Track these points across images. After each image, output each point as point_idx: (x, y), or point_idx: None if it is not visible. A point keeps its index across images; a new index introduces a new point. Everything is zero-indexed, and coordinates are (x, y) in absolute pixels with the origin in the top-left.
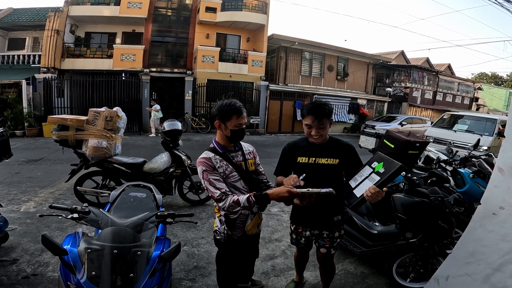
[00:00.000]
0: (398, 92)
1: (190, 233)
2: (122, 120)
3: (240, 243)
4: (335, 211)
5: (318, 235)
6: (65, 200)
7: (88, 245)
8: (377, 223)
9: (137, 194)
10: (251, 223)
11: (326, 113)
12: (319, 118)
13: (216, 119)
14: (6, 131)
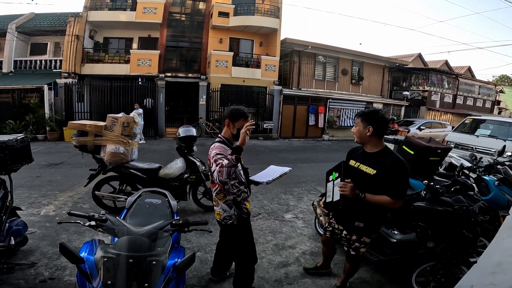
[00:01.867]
0: (415, 96)
1: (204, 239)
2: (138, 126)
3: (247, 220)
4: (358, 217)
5: (342, 232)
6: (83, 204)
7: (104, 254)
8: (395, 231)
9: (152, 201)
10: (247, 203)
11: (361, 114)
12: (356, 117)
13: (227, 118)
14: (27, 136)
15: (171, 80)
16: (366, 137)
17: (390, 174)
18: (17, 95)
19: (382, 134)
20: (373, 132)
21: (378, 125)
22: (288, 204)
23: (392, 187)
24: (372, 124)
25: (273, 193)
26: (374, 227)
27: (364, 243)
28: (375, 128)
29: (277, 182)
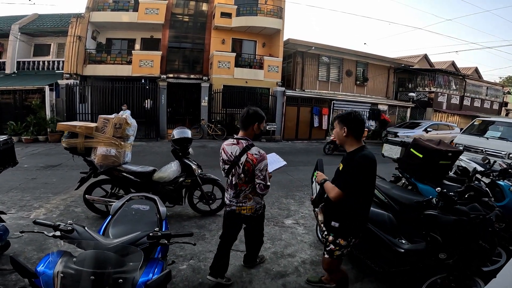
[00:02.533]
0: (422, 97)
1: (198, 246)
2: (131, 128)
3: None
4: (334, 217)
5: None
6: (75, 208)
7: (63, 269)
8: (403, 240)
9: (140, 207)
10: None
11: (337, 117)
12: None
13: (256, 121)
14: (11, 138)
15: (173, 81)
16: (343, 138)
17: (346, 167)
18: (18, 96)
19: (357, 134)
20: (348, 132)
21: (352, 125)
22: (288, 209)
23: (342, 176)
24: (346, 124)
25: (273, 197)
26: (350, 229)
27: (339, 246)
28: (349, 128)
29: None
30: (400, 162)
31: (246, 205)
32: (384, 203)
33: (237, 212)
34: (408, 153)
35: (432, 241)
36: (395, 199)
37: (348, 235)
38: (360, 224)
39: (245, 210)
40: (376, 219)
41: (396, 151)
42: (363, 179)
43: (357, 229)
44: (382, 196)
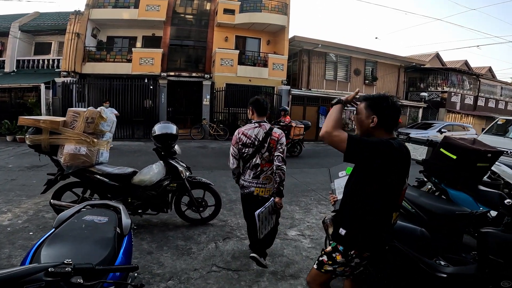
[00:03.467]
0: (434, 97)
1: (181, 262)
2: (107, 123)
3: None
4: (343, 223)
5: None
6: (46, 213)
7: None
8: (442, 262)
9: (94, 218)
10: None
11: (366, 98)
12: (359, 102)
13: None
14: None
15: (174, 79)
16: (369, 129)
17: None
18: (14, 95)
19: (389, 127)
20: (378, 123)
21: (386, 114)
22: (292, 218)
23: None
24: (378, 113)
25: None
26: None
27: (333, 260)
28: (381, 118)
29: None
30: (427, 165)
31: (265, 187)
32: (410, 213)
33: (255, 194)
34: (438, 154)
35: (492, 265)
36: (425, 208)
37: (351, 247)
38: (371, 238)
39: (263, 192)
40: (406, 236)
41: (421, 151)
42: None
43: (366, 243)
44: (408, 205)
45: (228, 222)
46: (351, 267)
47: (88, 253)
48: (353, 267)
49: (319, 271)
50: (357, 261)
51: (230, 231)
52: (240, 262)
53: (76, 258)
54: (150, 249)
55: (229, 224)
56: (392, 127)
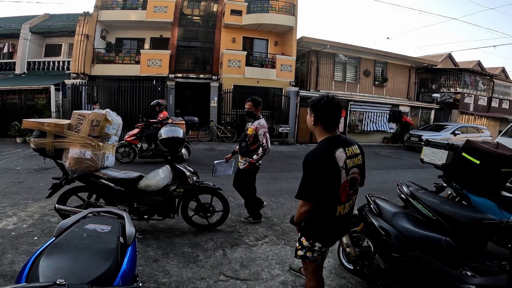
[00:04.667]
0: (446, 98)
1: (187, 271)
2: (112, 126)
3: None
4: None
5: None
6: (52, 217)
7: None
8: (469, 272)
9: (97, 227)
10: (240, 158)
11: (309, 101)
12: None
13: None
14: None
15: (182, 81)
16: (311, 126)
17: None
18: (24, 96)
19: (327, 124)
20: (316, 120)
21: (320, 112)
22: None
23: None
24: (315, 111)
25: (285, 208)
26: (310, 230)
27: (301, 245)
28: (317, 115)
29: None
30: (447, 170)
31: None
32: (431, 221)
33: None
34: (459, 159)
35: None
36: (449, 216)
37: (309, 236)
38: (323, 231)
39: (251, 159)
40: (429, 245)
41: (441, 155)
42: (308, 180)
43: (320, 235)
44: (428, 212)
45: (237, 228)
46: (318, 253)
47: (88, 265)
48: (320, 253)
49: (296, 258)
50: (319, 246)
51: (239, 238)
52: (249, 270)
53: (75, 270)
54: (156, 256)
55: (237, 230)
56: (330, 125)
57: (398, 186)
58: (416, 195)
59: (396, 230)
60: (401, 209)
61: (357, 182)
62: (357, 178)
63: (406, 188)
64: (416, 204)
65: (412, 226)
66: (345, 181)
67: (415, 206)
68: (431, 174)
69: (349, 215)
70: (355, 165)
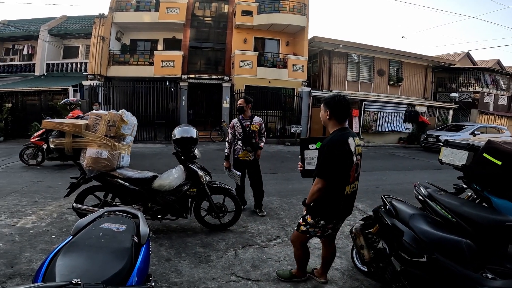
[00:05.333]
0: (465, 98)
1: (199, 271)
2: (128, 126)
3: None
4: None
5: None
6: (69, 216)
7: None
8: (489, 275)
9: (112, 226)
10: (241, 154)
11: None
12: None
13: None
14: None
15: (194, 81)
16: (326, 120)
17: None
18: (44, 98)
19: (339, 118)
20: (331, 115)
21: (334, 108)
22: None
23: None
24: (330, 108)
25: (297, 209)
26: (319, 210)
27: (305, 222)
28: (332, 111)
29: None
30: (467, 171)
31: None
32: (450, 223)
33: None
34: (480, 159)
35: None
36: (469, 218)
37: (316, 215)
38: (330, 208)
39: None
40: (448, 248)
41: (461, 156)
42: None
43: (326, 213)
44: (447, 214)
45: (248, 228)
46: (320, 229)
47: (103, 264)
48: (321, 229)
49: (298, 231)
50: (323, 223)
51: (250, 238)
52: (260, 271)
53: (90, 269)
54: (169, 256)
55: (249, 231)
56: (341, 118)
57: (415, 188)
58: (434, 196)
59: (413, 231)
60: (418, 210)
61: (359, 167)
62: (359, 164)
63: (424, 189)
64: (435, 206)
65: (430, 228)
66: (354, 164)
67: (434, 207)
68: (449, 175)
69: (353, 196)
70: (359, 153)
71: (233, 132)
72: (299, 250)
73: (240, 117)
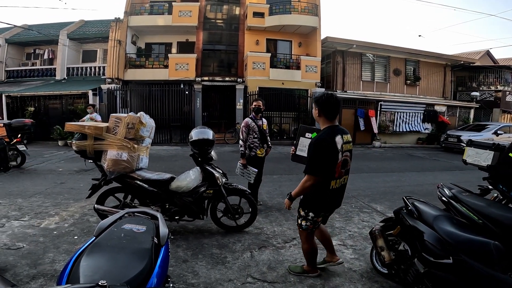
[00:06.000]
0: (487, 97)
1: (215, 272)
2: (146, 128)
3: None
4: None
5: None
6: (91, 217)
7: None
8: None
9: (133, 227)
10: (259, 151)
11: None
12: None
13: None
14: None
15: (208, 84)
16: (317, 117)
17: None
18: (65, 101)
19: (328, 115)
20: (320, 112)
21: (322, 106)
22: (332, 226)
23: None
24: (318, 105)
25: None
26: (307, 202)
27: (299, 214)
28: (320, 109)
29: None
30: (493, 171)
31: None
32: (476, 224)
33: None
34: (506, 159)
35: None
36: (496, 220)
37: (305, 207)
38: (317, 202)
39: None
40: (475, 249)
41: (485, 156)
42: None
43: (314, 205)
44: (473, 215)
45: (264, 229)
46: (311, 222)
47: (125, 265)
48: (312, 222)
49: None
50: (312, 216)
51: (266, 240)
52: (276, 273)
53: (113, 270)
54: (186, 257)
55: (264, 232)
56: (330, 116)
57: (438, 188)
58: (459, 197)
59: (438, 233)
60: (443, 211)
61: (348, 163)
62: (348, 160)
63: (448, 190)
64: (460, 207)
65: (456, 229)
66: (340, 161)
67: (459, 209)
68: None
69: (340, 191)
70: (347, 150)
71: (247, 131)
72: (304, 244)
73: (251, 117)
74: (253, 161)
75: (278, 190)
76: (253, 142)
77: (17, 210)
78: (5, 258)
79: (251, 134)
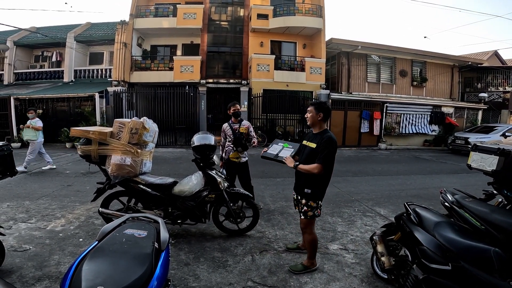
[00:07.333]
0: (495, 98)
1: (216, 276)
2: (149, 133)
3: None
4: (306, 185)
5: (297, 197)
6: (96, 220)
7: None
8: None
9: (134, 232)
10: (232, 154)
11: (313, 104)
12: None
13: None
14: (8, 145)
15: (213, 86)
16: (317, 121)
17: (321, 145)
18: (72, 104)
19: (327, 119)
20: (323, 117)
21: (326, 112)
22: (334, 230)
23: (319, 154)
24: (323, 111)
25: None
26: (318, 194)
27: (310, 207)
28: (325, 114)
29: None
30: (498, 176)
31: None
32: (479, 230)
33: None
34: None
35: None
36: (499, 226)
37: (317, 198)
38: (324, 190)
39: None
40: (475, 256)
41: (490, 161)
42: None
43: (322, 194)
44: (476, 222)
45: (266, 233)
46: (319, 209)
47: (126, 270)
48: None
49: (306, 218)
50: (320, 203)
51: (268, 244)
52: (277, 277)
53: (113, 275)
54: (187, 260)
55: (266, 236)
56: (326, 120)
57: (441, 194)
58: (462, 203)
59: (438, 240)
60: (444, 217)
61: None
62: None
63: (451, 196)
64: (463, 213)
65: (456, 236)
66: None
67: (462, 215)
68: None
69: None
70: None
71: (224, 135)
72: (311, 235)
73: (230, 122)
74: (229, 165)
75: (282, 194)
76: (228, 145)
77: (24, 212)
78: (12, 260)
79: (226, 138)
